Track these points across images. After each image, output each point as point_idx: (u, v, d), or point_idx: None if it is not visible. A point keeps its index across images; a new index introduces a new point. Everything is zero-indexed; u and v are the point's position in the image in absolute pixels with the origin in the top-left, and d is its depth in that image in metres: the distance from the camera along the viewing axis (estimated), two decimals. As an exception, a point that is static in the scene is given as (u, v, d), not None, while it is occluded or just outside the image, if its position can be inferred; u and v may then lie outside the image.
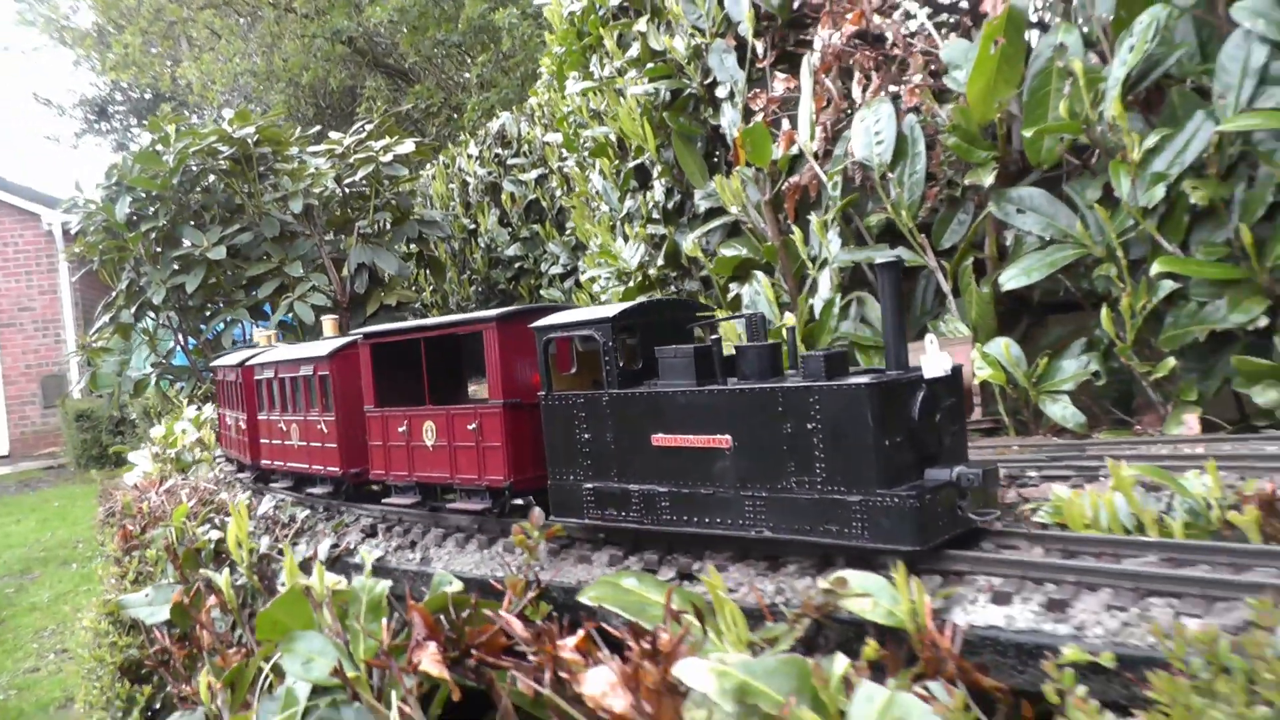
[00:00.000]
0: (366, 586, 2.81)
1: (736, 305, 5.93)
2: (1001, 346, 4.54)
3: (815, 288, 5.31)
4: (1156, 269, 4.09)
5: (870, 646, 1.88)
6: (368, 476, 4.40)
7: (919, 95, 4.81)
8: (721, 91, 5.98)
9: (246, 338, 11.21)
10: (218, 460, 7.01)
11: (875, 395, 2.37)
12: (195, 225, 11.37)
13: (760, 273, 5.73)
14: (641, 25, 6.52)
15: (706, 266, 6.30)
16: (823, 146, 5.29)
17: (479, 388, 4.30)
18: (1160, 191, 4.08)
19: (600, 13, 7.15)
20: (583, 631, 2.13)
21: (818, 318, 5.14)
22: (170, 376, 12.21)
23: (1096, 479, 3.04)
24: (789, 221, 5.61)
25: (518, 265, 12.96)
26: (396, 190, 12.39)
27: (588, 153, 7.74)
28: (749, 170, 5.72)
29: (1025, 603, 2.08)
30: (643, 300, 3.19)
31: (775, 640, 2.10)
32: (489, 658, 2.47)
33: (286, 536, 4.34)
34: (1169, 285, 4.18)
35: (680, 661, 1.85)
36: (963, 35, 4.92)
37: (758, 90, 5.69)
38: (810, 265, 5.41)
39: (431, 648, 2.46)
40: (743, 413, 2.63)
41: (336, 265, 11.68)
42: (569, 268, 11.47)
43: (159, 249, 11.51)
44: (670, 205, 6.83)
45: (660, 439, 2.83)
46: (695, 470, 2.75)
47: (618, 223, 7.61)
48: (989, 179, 4.55)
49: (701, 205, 6.39)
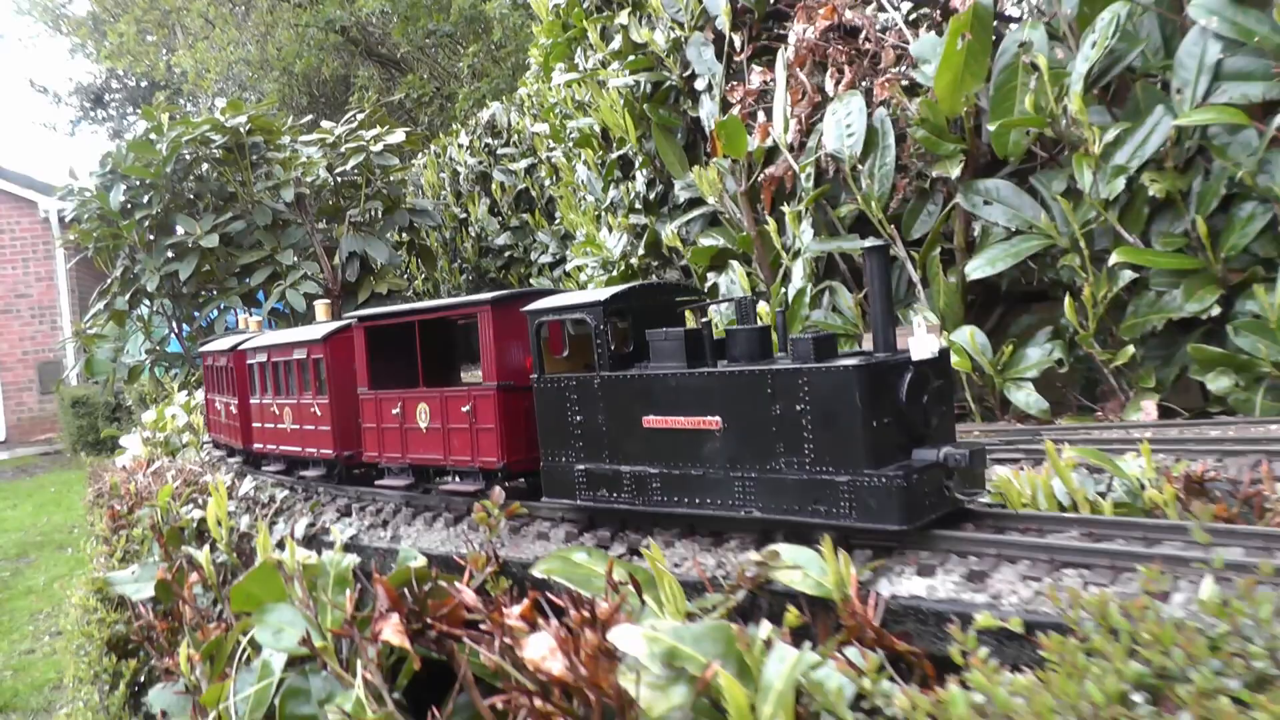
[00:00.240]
0: (334, 561, 2.93)
1: (714, 294, 6.03)
2: (968, 334, 4.64)
3: (789, 276, 5.41)
4: (1116, 259, 4.19)
5: (791, 613, 1.99)
6: (361, 459, 4.39)
7: (889, 89, 4.90)
8: (700, 84, 6.07)
9: (239, 325, 11.31)
10: (205, 444, 7.11)
11: (863, 377, 2.40)
12: (189, 213, 11.48)
13: (736, 262, 5.83)
14: (623, 18, 6.60)
15: (685, 256, 6.39)
16: (797, 139, 5.38)
17: (472, 374, 4.31)
18: (1121, 184, 4.18)
19: (584, 5, 7.22)
20: (527, 601, 2.24)
21: (789, 306, 5.24)
22: (164, 363, 12.32)
23: (1044, 462, 3.15)
24: (765, 212, 5.70)
25: (508, 254, 13.06)
26: (388, 179, 12.48)
27: (573, 143, 7.83)
28: (726, 162, 5.81)
29: (948, 574, 2.19)
30: (634, 284, 3.25)
31: (711, 610, 2.22)
32: (450, 629, 2.58)
33: (266, 516, 4.45)
34: (1129, 275, 4.28)
35: (616, 628, 1.97)
36: (934, 30, 5.00)
37: (735, 83, 5.77)
38: (785, 255, 5.51)
39: (394, 619, 2.57)
40: (733, 395, 2.66)
41: (328, 253, 11.78)
42: (558, 256, 11.56)
43: (153, 237, 11.63)
44: (652, 195, 6.91)
45: (651, 421, 2.87)
46: (686, 451, 2.78)
47: (602, 212, 7.70)
48: (956, 171, 4.64)
49: (681, 195, 6.48)
